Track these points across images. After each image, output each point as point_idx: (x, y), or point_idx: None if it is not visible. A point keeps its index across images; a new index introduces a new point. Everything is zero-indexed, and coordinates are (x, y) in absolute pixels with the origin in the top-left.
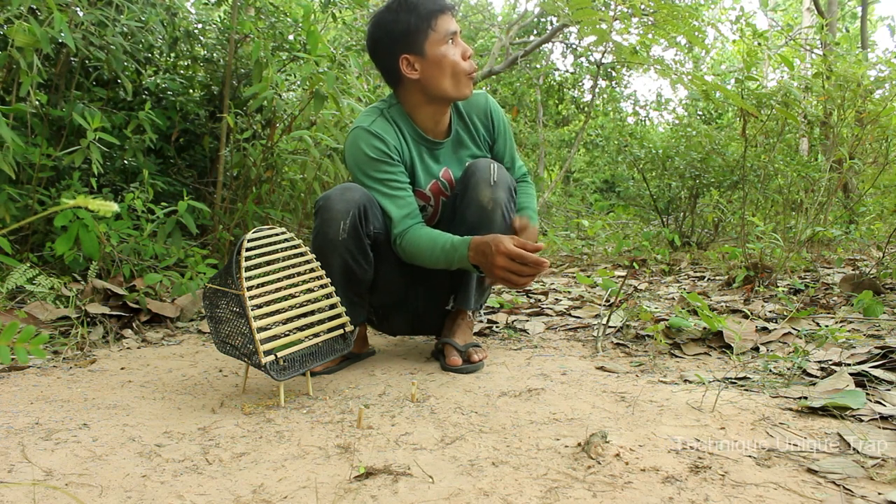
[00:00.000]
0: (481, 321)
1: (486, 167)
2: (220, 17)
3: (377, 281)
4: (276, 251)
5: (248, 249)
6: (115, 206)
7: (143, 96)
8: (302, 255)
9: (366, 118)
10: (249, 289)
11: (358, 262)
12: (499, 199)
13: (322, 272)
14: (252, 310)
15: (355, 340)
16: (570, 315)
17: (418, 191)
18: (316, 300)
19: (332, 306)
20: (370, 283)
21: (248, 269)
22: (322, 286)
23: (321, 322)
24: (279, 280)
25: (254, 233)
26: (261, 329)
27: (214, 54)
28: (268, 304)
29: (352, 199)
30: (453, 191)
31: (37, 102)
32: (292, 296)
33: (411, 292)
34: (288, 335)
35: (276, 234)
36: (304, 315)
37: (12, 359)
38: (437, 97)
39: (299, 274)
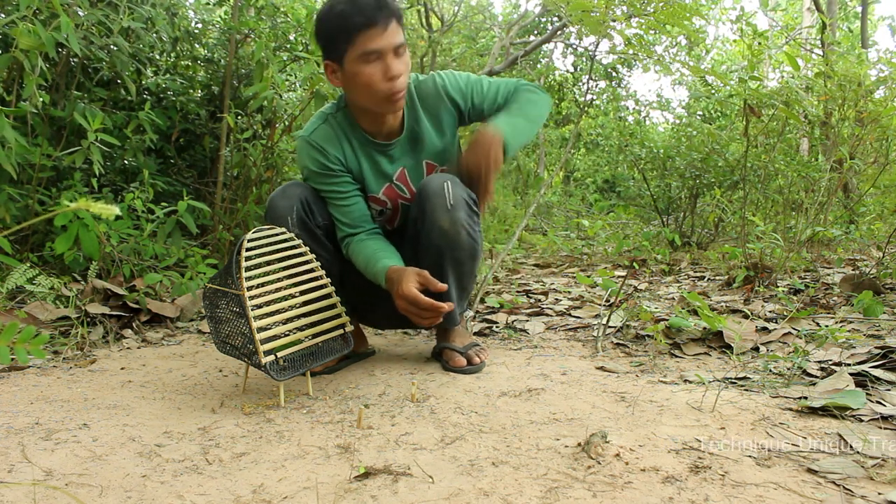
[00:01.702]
0: (473, 319)
1: (440, 190)
2: (220, 17)
3: (348, 275)
4: (276, 251)
5: (248, 249)
6: (116, 210)
7: (144, 96)
8: (302, 255)
9: (310, 126)
10: (249, 289)
11: (316, 253)
12: (459, 221)
13: (322, 272)
14: (252, 310)
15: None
16: (570, 315)
17: (372, 196)
18: (316, 300)
19: (332, 306)
20: (339, 274)
21: (248, 269)
22: (322, 286)
23: (321, 322)
24: (279, 280)
25: (254, 233)
26: (261, 329)
27: (215, 54)
28: (268, 304)
29: (293, 195)
30: (413, 194)
31: (40, 102)
32: (292, 296)
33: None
34: (288, 335)
35: (276, 234)
36: (304, 315)
37: (12, 359)
38: (362, 108)
39: (299, 274)
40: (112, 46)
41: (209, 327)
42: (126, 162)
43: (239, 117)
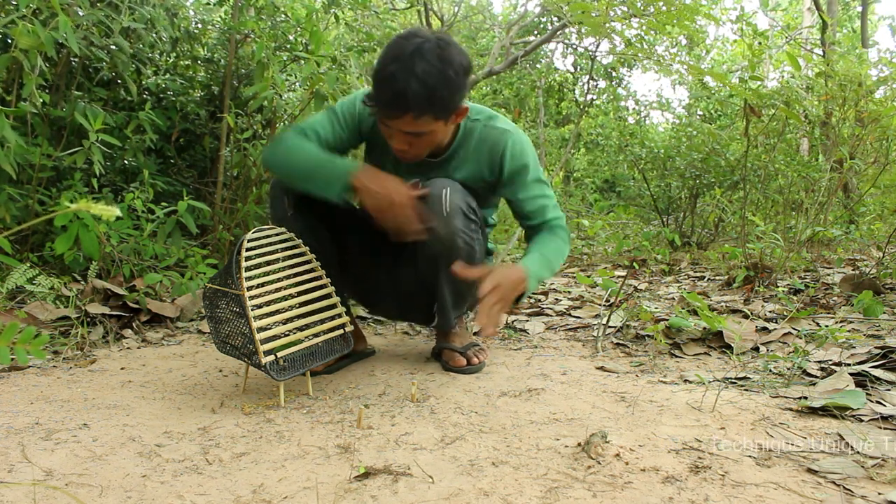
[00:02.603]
0: (473, 319)
1: (438, 197)
2: (220, 17)
3: (351, 262)
4: (276, 251)
5: (248, 249)
6: (116, 211)
7: (144, 96)
8: (302, 255)
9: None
10: (249, 289)
11: (313, 234)
12: (455, 228)
13: (322, 272)
14: (252, 310)
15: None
16: (570, 315)
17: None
18: (316, 300)
19: (332, 306)
20: (335, 263)
21: (248, 269)
22: (321, 286)
23: (321, 322)
24: (279, 280)
25: (254, 233)
26: (261, 329)
27: (215, 54)
28: (268, 304)
29: None
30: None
31: (39, 102)
32: (292, 296)
33: (392, 274)
34: (288, 335)
35: (276, 234)
36: (304, 315)
37: (12, 359)
38: None
39: (299, 274)
40: (112, 46)
41: (209, 327)
42: (126, 162)
43: (239, 117)
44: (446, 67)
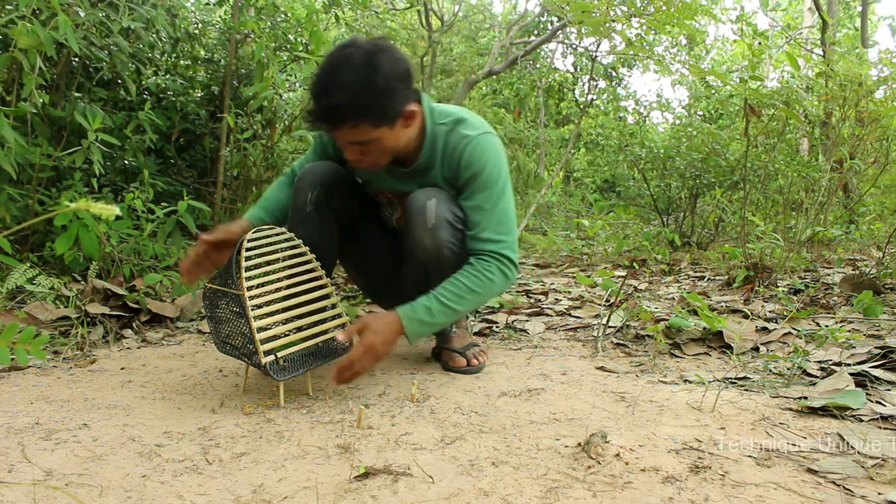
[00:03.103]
0: (473, 319)
1: (422, 208)
2: (220, 17)
3: (364, 258)
4: (276, 251)
5: (248, 249)
6: (116, 210)
7: (144, 96)
8: (302, 255)
9: None
10: (249, 289)
11: (322, 235)
12: (441, 240)
13: (322, 272)
14: (252, 310)
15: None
16: (570, 315)
17: (377, 191)
18: (316, 300)
19: (333, 306)
20: (334, 261)
21: (247, 269)
22: (321, 286)
23: (321, 322)
24: (279, 280)
25: (254, 233)
26: (261, 329)
27: (215, 54)
28: (268, 304)
29: (320, 173)
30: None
31: (39, 102)
32: (292, 296)
33: (399, 272)
34: (288, 335)
35: (276, 234)
36: (304, 315)
37: (12, 359)
38: None
39: (299, 274)
40: (112, 46)
41: (209, 327)
42: (126, 162)
43: (239, 117)
44: (372, 74)
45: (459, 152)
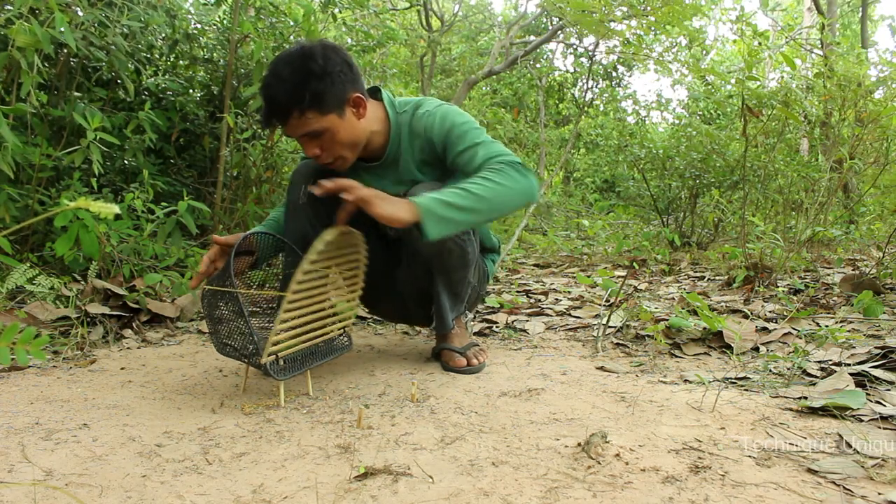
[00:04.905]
0: (473, 319)
1: None
2: (219, 17)
3: None
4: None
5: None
6: (116, 209)
7: (143, 96)
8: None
9: None
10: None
11: (315, 229)
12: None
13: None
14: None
15: None
16: (570, 315)
17: None
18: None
19: (333, 306)
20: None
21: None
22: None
23: (321, 322)
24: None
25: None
26: (261, 329)
27: (214, 54)
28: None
29: (314, 167)
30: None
31: (37, 102)
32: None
33: (391, 277)
34: (288, 332)
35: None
36: (304, 315)
37: (12, 359)
38: None
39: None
40: (111, 46)
41: (208, 328)
42: (126, 162)
43: (238, 117)
44: (308, 61)
45: (425, 128)
